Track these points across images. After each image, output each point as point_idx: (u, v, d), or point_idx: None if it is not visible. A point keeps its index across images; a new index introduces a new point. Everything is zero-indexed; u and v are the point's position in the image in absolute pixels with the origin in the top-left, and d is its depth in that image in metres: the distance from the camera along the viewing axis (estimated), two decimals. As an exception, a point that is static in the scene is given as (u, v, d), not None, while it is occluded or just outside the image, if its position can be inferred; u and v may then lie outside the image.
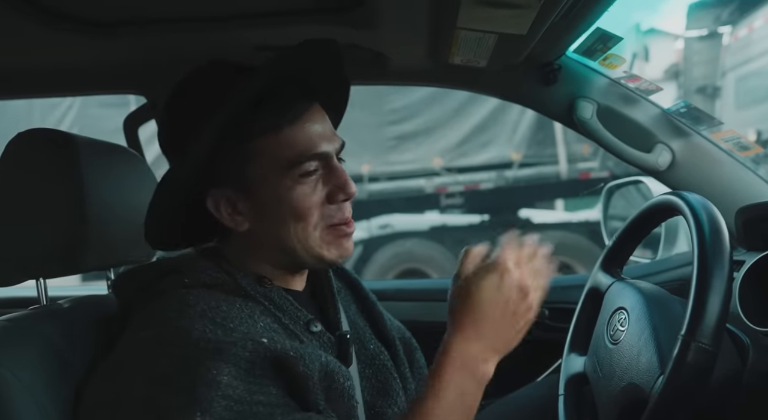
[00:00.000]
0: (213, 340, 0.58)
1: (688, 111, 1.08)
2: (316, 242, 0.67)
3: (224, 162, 0.66)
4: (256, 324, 0.63)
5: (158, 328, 0.61)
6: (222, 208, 0.68)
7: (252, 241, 0.70)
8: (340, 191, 0.68)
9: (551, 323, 1.30)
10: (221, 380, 0.56)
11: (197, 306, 0.62)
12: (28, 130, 0.81)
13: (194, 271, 0.67)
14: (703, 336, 0.62)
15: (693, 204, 0.75)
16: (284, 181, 0.66)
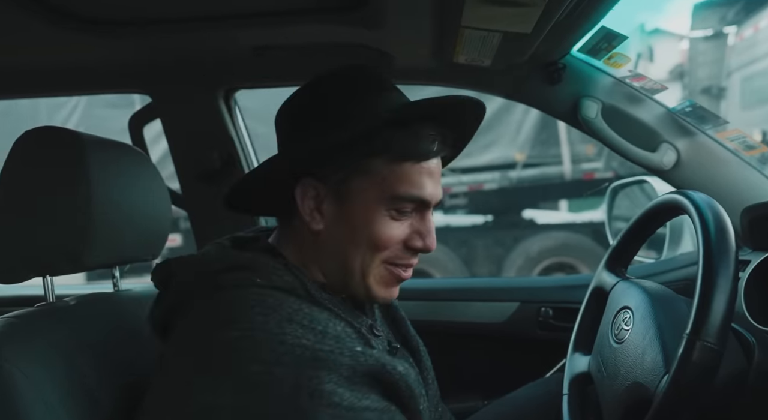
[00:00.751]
0: (309, 346, 0.56)
1: (694, 110, 1.08)
2: (375, 274, 0.67)
3: (336, 161, 0.65)
4: (336, 327, 0.61)
5: (246, 331, 0.57)
6: (306, 200, 0.67)
7: (314, 245, 0.68)
8: (421, 240, 0.68)
9: (555, 323, 1.30)
10: (324, 388, 0.53)
11: (282, 309, 0.59)
12: (35, 128, 0.81)
13: (264, 269, 0.64)
14: (708, 335, 0.62)
15: (698, 203, 0.75)
16: (380, 209, 0.66)
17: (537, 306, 1.31)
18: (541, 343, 1.29)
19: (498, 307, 1.32)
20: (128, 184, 0.87)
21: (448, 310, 1.33)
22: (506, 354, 1.34)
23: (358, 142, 0.64)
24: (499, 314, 1.31)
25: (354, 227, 0.65)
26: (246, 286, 0.62)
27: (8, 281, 0.79)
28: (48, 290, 0.82)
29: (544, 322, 1.30)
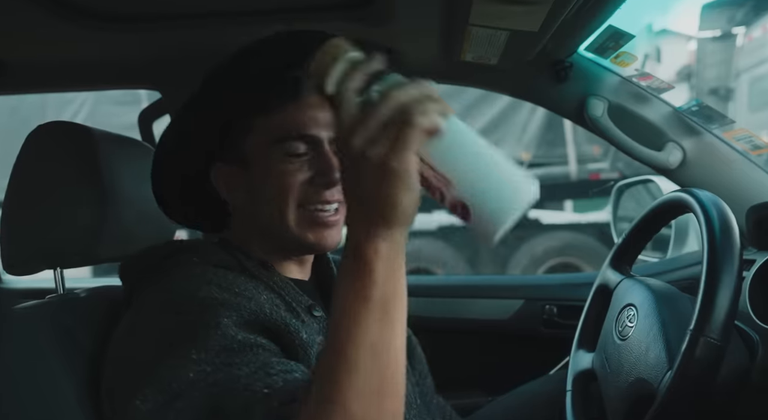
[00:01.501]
0: (219, 297, 0.60)
1: (700, 110, 1.08)
2: (293, 220, 0.68)
3: (225, 138, 0.71)
4: (260, 296, 0.64)
5: (165, 292, 0.64)
6: (222, 182, 0.72)
7: (244, 221, 0.73)
8: (322, 176, 0.68)
9: (559, 320, 1.30)
10: (220, 322, 0.57)
11: (205, 275, 0.64)
12: (48, 123, 0.82)
13: (202, 250, 0.70)
14: (711, 331, 0.63)
15: (703, 201, 0.75)
16: (273, 156, 0.68)
17: (542, 303, 1.31)
18: (545, 340, 1.30)
19: (502, 305, 1.32)
20: (138, 179, 0.88)
21: (453, 306, 1.33)
22: (510, 351, 1.35)
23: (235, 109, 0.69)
24: (504, 311, 1.32)
25: (262, 185, 0.69)
26: (184, 264, 0.67)
27: (20, 273, 0.81)
28: (59, 282, 0.83)
29: (548, 319, 1.31)
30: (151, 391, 0.54)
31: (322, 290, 0.79)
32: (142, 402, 0.54)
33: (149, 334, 0.60)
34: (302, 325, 0.65)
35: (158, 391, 0.54)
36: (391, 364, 0.46)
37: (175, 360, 0.55)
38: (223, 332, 0.57)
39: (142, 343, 0.60)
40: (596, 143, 4.75)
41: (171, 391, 0.53)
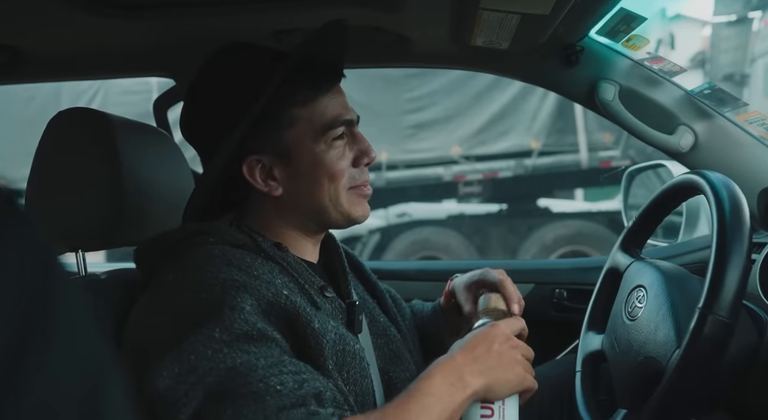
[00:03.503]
0: (239, 280, 0.63)
1: (713, 92, 1.08)
2: (345, 201, 0.74)
3: (262, 130, 0.72)
4: (275, 279, 0.67)
5: (184, 272, 0.65)
6: (257, 174, 0.73)
7: (280, 207, 0.74)
8: (364, 155, 0.75)
9: (569, 304, 1.31)
10: (244, 307, 0.60)
11: (223, 257, 0.66)
12: (67, 109, 0.84)
13: (218, 232, 0.72)
14: (720, 309, 0.63)
15: (714, 182, 0.75)
16: (319, 145, 0.73)
17: (552, 287, 1.32)
18: (555, 323, 1.31)
19: (513, 289, 1.33)
20: (156, 165, 0.90)
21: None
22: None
23: (273, 105, 0.71)
24: (514, 295, 1.33)
25: (309, 173, 0.73)
26: (201, 245, 0.69)
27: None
28: (80, 265, 0.86)
29: (558, 303, 1.32)
30: (172, 359, 0.56)
31: (329, 273, 0.82)
32: (162, 369, 0.56)
33: (170, 312, 0.62)
34: (315, 313, 0.67)
35: (178, 361, 0.56)
36: None
37: (198, 335, 0.57)
38: (246, 318, 0.59)
39: (163, 322, 0.62)
40: (607, 131, 4.72)
41: (189, 363, 0.56)
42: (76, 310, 0.25)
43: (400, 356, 0.81)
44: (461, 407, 0.63)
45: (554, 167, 4.88)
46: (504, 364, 0.65)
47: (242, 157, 0.72)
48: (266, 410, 0.54)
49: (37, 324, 0.23)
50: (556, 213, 5.04)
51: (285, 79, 0.70)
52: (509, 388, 0.66)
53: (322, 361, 0.65)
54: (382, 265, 1.63)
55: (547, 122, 4.75)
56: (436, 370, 0.63)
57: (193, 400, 0.54)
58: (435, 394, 0.61)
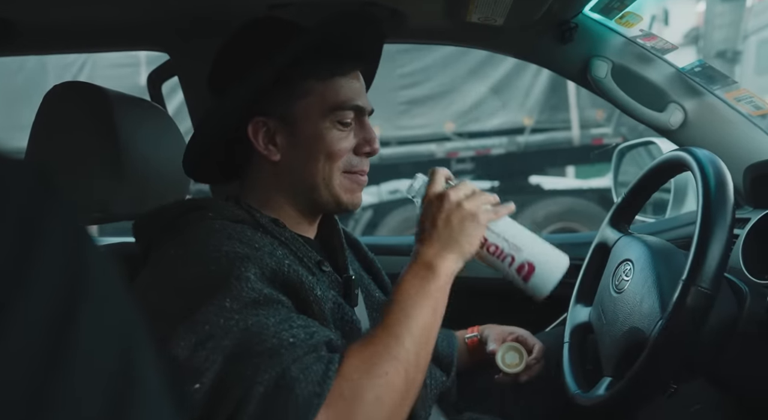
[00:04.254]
0: (241, 251, 0.64)
1: (703, 70, 1.09)
2: (337, 183, 0.75)
3: (276, 94, 0.73)
4: (276, 250, 0.68)
5: (186, 245, 0.66)
6: (260, 136, 0.74)
7: (276, 177, 0.76)
8: (367, 145, 0.77)
9: (559, 278, 1.34)
10: (249, 277, 0.61)
11: (224, 231, 0.67)
12: (63, 83, 0.84)
13: (216, 207, 0.73)
14: (702, 281, 0.66)
15: (700, 158, 0.78)
16: (325, 122, 0.74)
17: (542, 262, 1.35)
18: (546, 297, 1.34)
19: (504, 263, 1.36)
20: (151, 139, 0.91)
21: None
22: (509, 308, 1.38)
23: (291, 70, 0.72)
24: (505, 270, 1.35)
25: (308, 145, 0.74)
26: (200, 220, 0.70)
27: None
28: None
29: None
30: (186, 331, 0.58)
31: (326, 247, 0.83)
32: (179, 340, 0.58)
33: (176, 285, 0.64)
34: (316, 281, 0.69)
35: (193, 332, 0.58)
36: (429, 344, 0.64)
37: (209, 306, 0.59)
38: (252, 286, 0.61)
39: (168, 295, 0.63)
40: (599, 108, 4.73)
41: (204, 332, 0.58)
42: (111, 277, 0.27)
43: None
44: (444, 291, 0.66)
45: (546, 144, 4.89)
46: (459, 225, 0.67)
47: (250, 116, 0.73)
48: (283, 362, 0.56)
49: (82, 290, 0.24)
50: (547, 190, 5.07)
51: (310, 50, 0.72)
52: (477, 238, 0.68)
53: (326, 325, 0.67)
54: (377, 241, 1.65)
55: (540, 99, 4.75)
56: (404, 276, 0.66)
57: (213, 364, 0.56)
58: (409, 297, 0.64)
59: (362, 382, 0.58)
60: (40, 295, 0.23)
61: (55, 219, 0.25)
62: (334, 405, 0.56)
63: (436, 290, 0.65)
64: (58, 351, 0.22)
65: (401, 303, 0.64)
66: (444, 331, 1.00)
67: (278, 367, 0.56)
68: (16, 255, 0.23)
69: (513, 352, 0.94)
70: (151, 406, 0.25)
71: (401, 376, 0.59)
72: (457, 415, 0.93)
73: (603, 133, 4.80)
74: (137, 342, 0.26)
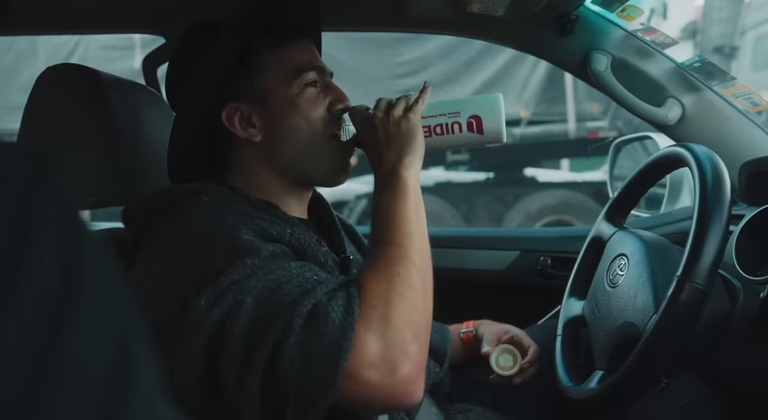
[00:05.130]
0: (241, 219, 0.64)
1: (702, 66, 1.09)
2: (325, 147, 0.76)
3: (239, 77, 0.74)
4: (275, 226, 0.68)
5: (186, 220, 0.66)
6: (236, 122, 0.74)
7: (261, 158, 0.76)
8: (338, 101, 0.77)
9: (553, 271, 1.35)
10: (258, 240, 0.62)
11: (222, 209, 0.67)
12: (56, 66, 0.83)
13: (212, 191, 0.72)
14: (697, 277, 0.66)
15: (698, 154, 0.78)
16: (292, 88, 0.75)
17: (536, 255, 1.36)
18: (538, 290, 1.35)
19: (499, 256, 1.36)
20: (146, 123, 0.89)
21: (452, 256, 1.38)
22: (504, 300, 1.40)
23: (245, 52, 0.73)
24: (500, 262, 1.36)
25: (285, 116, 0.74)
26: (195, 204, 0.69)
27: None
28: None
29: (542, 270, 1.35)
30: (212, 290, 0.57)
31: (322, 229, 0.84)
32: (206, 301, 0.57)
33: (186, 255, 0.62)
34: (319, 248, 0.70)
35: (218, 291, 0.57)
36: (423, 238, 0.66)
37: (234, 266, 0.58)
38: (265, 245, 0.61)
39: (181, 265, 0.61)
40: (596, 101, 4.73)
41: (229, 287, 0.57)
42: (108, 265, 0.26)
43: None
44: (417, 190, 0.69)
45: (542, 137, 4.89)
46: (410, 128, 0.71)
47: (221, 106, 0.74)
48: (317, 295, 0.57)
49: (79, 279, 0.24)
50: (542, 182, 5.08)
51: (256, 28, 0.73)
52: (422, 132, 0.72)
53: None
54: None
55: (537, 91, 4.74)
56: (375, 192, 0.70)
57: (242, 304, 0.56)
58: (390, 206, 0.67)
59: (381, 287, 0.60)
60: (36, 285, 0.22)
61: (50, 206, 0.24)
62: (366, 316, 0.57)
63: (412, 191, 0.68)
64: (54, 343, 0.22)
65: (383, 216, 0.67)
66: (437, 324, 1.00)
67: (313, 299, 0.57)
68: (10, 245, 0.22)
69: (507, 355, 0.94)
70: (146, 398, 0.25)
71: (411, 273, 0.62)
72: (448, 406, 0.93)
73: (599, 127, 4.81)
74: (134, 333, 0.26)
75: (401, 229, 0.65)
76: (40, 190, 0.24)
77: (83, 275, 0.24)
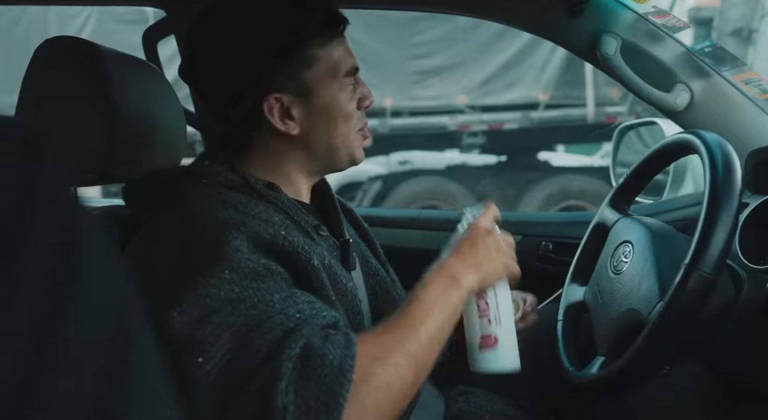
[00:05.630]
0: (237, 219, 0.64)
1: (713, 51, 1.07)
2: (354, 142, 0.78)
3: (283, 70, 0.73)
4: (272, 217, 0.68)
5: (181, 212, 0.66)
6: (275, 114, 0.73)
7: (290, 147, 0.76)
8: (366, 99, 0.79)
9: (554, 256, 1.34)
10: (245, 244, 0.62)
11: (219, 196, 0.67)
12: (54, 38, 0.81)
13: (210, 173, 0.72)
14: (705, 265, 0.66)
15: (708, 142, 0.76)
16: (335, 86, 0.75)
17: (538, 240, 1.35)
18: (539, 275, 1.34)
19: (500, 239, 1.35)
20: (146, 100, 0.88)
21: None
22: (504, 284, 1.39)
23: (295, 43, 0.73)
24: (501, 246, 1.35)
25: (326, 112, 0.75)
26: (194, 186, 0.70)
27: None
28: (72, 200, 0.84)
29: (543, 255, 1.35)
30: (187, 304, 0.57)
31: (322, 212, 0.83)
32: (178, 313, 0.57)
33: (170, 254, 0.63)
34: (313, 247, 0.68)
35: (194, 305, 0.57)
36: (440, 346, 0.66)
37: (208, 278, 0.58)
38: (249, 256, 0.60)
39: (164, 264, 0.63)
40: (615, 86, 4.66)
41: (206, 306, 0.57)
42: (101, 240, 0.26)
43: (391, 295, 0.85)
44: (459, 304, 0.69)
45: (560, 121, 4.83)
46: (490, 255, 0.71)
47: (263, 96, 0.73)
48: (303, 336, 0.57)
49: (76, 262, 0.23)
50: (557, 167, 5.01)
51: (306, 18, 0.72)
52: (498, 275, 0.73)
53: (326, 294, 0.67)
54: (374, 212, 1.64)
55: (555, 74, 4.66)
56: (429, 277, 0.68)
57: (218, 339, 0.56)
58: (431, 298, 0.66)
59: (375, 368, 0.58)
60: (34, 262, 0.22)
61: (45, 180, 0.24)
62: None
63: (457, 300, 0.68)
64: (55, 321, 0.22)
65: (423, 302, 0.65)
66: None
67: (300, 340, 0.56)
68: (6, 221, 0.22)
69: None
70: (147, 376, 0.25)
71: (411, 370, 0.60)
72: (449, 389, 0.94)
73: (618, 112, 4.73)
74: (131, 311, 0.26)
75: (428, 324, 0.64)
76: (34, 168, 0.24)
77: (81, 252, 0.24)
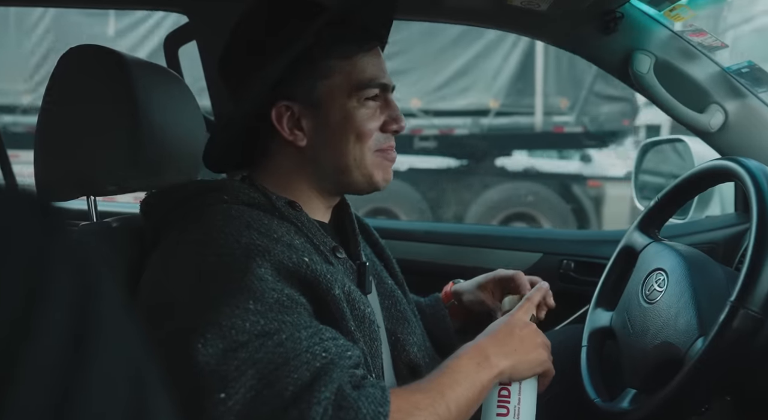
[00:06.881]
0: (260, 244, 0.62)
1: (751, 71, 1.04)
2: (369, 162, 0.73)
3: (297, 77, 0.70)
4: (293, 240, 0.66)
5: (203, 233, 0.64)
6: (284, 122, 0.71)
7: (301, 161, 0.73)
8: (393, 122, 0.74)
9: (576, 276, 1.31)
10: (269, 278, 0.59)
11: (241, 218, 0.65)
12: (79, 46, 0.79)
13: (232, 190, 0.70)
14: (753, 303, 0.63)
15: (753, 171, 0.74)
16: (351, 102, 0.71)
17: (559, 258, 1.32)
18: (559, 294, 1.31)
19: (521, 257, 1.33)
20: (169, 108, 0.85)
21: (473, 255, 1.34)
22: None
23: (314, 49, 0.69)
24: (522, 263, 1.33)
25: (337, 127, 0.71)
26: (215, 204, 0.67)
27: (54, 200, 0.80)
28: (92, 210, 0.83)
29: (564, 274, 1.32)
30: (212, 335, 0.55)
31: (339, 233, 0.81)
32: (203, 346, 0.55)
33: (193, 279, 0.61)
34: (334, 272, 0.67)
35: (219, 338, 0.55)
36: (465, 416, 0.64)
37: (233, 309, 0.56)
38: (273, 286, 0.59)
39: (185, 288, 0.61)
40: (564, 96, 4.70)
41: (232, 339, 0.55)
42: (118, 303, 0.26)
43: (407, 318, 0.82)
44: (488, 385, 0.66)
45: (509, 128, 4.85)
46: (525, 346, 0.69)
47: (273, 102, 0.70)
48: (334, 380, 0.56)
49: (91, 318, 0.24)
50: (506, 173, 5.01)
51: (329, 28, 0.68)
52: (530, 369, 0.70)
53: (345, 324, 0.65)
54: (389, 225, 1.62)
55: (507, 82, 4.69)
56: (464, 352, 0.67)
57: (243, 375, 0.54)
58: (463, 371, 0.64)
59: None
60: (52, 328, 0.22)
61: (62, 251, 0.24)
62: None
63: (486, 379, 0.66)
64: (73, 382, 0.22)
65: (456, 371, 0.65)
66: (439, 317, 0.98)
67: (331, 385, 0.55)
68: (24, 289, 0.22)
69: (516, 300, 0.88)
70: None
71: None
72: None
73: (565, 122, 4.76)
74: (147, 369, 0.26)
75: (458, 393, 0.63)
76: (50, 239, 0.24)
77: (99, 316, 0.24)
